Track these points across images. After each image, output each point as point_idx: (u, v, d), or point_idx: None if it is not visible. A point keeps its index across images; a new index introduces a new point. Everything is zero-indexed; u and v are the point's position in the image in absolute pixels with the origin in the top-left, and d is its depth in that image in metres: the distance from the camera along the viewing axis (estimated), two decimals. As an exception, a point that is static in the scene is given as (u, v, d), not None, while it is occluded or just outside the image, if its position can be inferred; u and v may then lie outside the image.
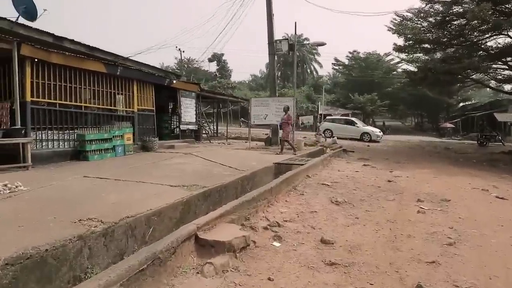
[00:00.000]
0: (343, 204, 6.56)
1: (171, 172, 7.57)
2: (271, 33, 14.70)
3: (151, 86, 12.45)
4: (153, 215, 4.80)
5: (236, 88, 58.92)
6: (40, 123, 8.42)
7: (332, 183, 8.30)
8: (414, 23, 17.93)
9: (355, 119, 27.87)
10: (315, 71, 68.20)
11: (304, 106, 47.76)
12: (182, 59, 58.28)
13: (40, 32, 10.68)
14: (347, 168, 11.07)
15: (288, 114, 12.82)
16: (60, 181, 6.30)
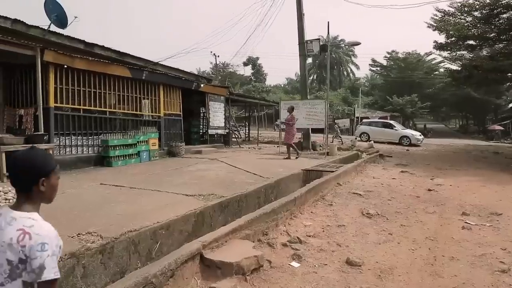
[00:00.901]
0: (376, 217, 5.89)
1: (191, 180, 7.21)
2: (302, 34, 14.12)
3: (178, 90, 12.26)
4: (161, 229, 4.40)
5: (271, 91, 58.63)
6: (64, 128, 8.37)
7: (364, 192, 7.60)
8: (457, 18, 16.66)
9: (393, 122, 26.54)
10: (351, 73, 66.56)
11: (340, 109, 46.49)
12: (217, 64, 58.74)
13: (71, 39, 10.80)
14: (383, 175, 10.26)
15: (292, 115, 11.85)
16: (75, 189, 6.10)
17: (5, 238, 1.36)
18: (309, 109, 12.75)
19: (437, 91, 47.12)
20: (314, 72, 65.97)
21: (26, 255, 1.34)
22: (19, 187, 1.49)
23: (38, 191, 1.49)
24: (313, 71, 65.79)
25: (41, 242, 1.35)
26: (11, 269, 1.35)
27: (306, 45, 14.03)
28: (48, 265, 1.34)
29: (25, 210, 1.46)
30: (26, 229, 1.37)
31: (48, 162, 1.55)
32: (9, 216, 1.43)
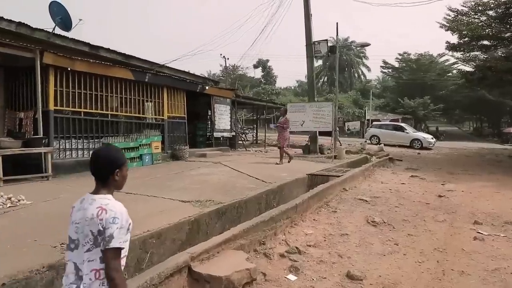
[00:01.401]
0: (381, 226, 5.59)
1: (191, 184, 7.00)
2: (309, 35, 13.84)
3: (182, 93, 12.10)
4: (151, 238, 4.19)
5: (281, 94, 58.27)
6: (64, 132, 8.25)
7: (371, 198, 7.29)
8: (471, 17, 16.17)
9: (404, 125, 25.98)
10: (363, 75, 65.75)
11: (351, 112, 45.88)
12: (227, 66, 58.73)
13: (76, 41, 10.73)
14: (392, 180, 9.91)
15: (285, 117, 11.27)
16: (70, 194, 5.94)
17: (88, 214, 1.72)
18: (316, 111, 12.45)
19: (450, 93, 46.17)
20: (324, 74, 65.44)
21: (103, 226, 1.67)
22: (98, 176, 1.86)
23: (113, 179, 1.85)
24: (323, 73, 65.28)
25: (113, 216, 1.69)
26: (94, 239, 1.70)
27: (313, 47, 13.75)
28: (116, 235, 1.66)
29: (101, 193, 1.82)
30: (103, 206, 1.73)
31: (121, 157, 1.93)
32: (90, 198, 1.81)
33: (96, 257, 1.70)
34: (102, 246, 1.67)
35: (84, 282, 1.69)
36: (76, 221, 1.79)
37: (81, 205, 1.82)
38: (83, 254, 1.71)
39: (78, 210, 1.82)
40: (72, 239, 1.78)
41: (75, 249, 1.76)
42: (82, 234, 1.73)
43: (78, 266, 1.73)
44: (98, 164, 1.86)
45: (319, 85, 64.79)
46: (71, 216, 1.86)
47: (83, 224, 1.73)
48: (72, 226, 1.80)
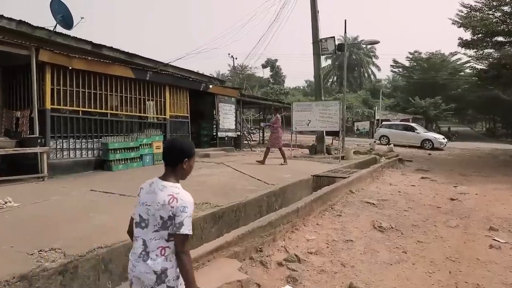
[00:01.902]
0: (389, 231, 5.23)
1: (189, 186, 6.62)
2: (316, 32, 13.47)
3: (185, 92, 11.85)
4: (139, 244, 3.90)
5: (289, 94, 57.82)
6: (62, 131, 8.04)
7: (379, 201, 6.92)
8: (485, 13, 15.61)
9: (415, 125, 25.39)
10: (372, 74, 64.95)
11: (360, 112, 45.28)
12: (235, 66, 58.52)
13: (78, 40, 10.56)
14: (401, 182, 9.50)
15: (277, 116, 10.79)
16: (61, 196, 5.70)
17: (159, 200, 1.88)
18: (322, 110, 12.06)
19: (462, 92, 45.32)
20: (333, 74, 64.83)
21: (173, 213, 1.85)
22: (168, 163, 2.03)
23: (181, 168, 2.02)
24: (332, 73, 64.69)
25: (184, 206, 1.86)
26: (162, 223, 1.87)
27: (320, 44, 13.38)
28: (186, 223, 1.84)
29: (170, 181, 1.98)
30: (174, 194, 1.89)
31: (191, 147, 2.09)
32: (160, 184, 1.96)
33: (162, 236, 1.90)
34: (171, 230, 1.87)
35: (151, 257, 1.89)
36: (147, 203, 1.95)
37: (150, 188, 1.99)
38: (151, 233, 1.91)
39: (148, 193, 1.98)
40: (143, 219, 1.95)
41: (145, 228, 1.94)
42: (153, 216, 1.91)
43: (146, 243, 1.92)
44: (170, 151, 2.06)
45: (328, 85, 64.22)
46: (139, 196, 2.03)
47: (154, 208, 1.90)
48: (143, 206, 1.96)
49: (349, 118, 43.89)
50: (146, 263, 1.89)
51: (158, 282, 1.88)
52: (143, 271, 1.89)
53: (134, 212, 2.03)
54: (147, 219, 1.94)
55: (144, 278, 1.89)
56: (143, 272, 1.89)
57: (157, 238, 1.90)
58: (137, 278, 1.92)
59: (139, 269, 1.91)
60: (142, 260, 1.91)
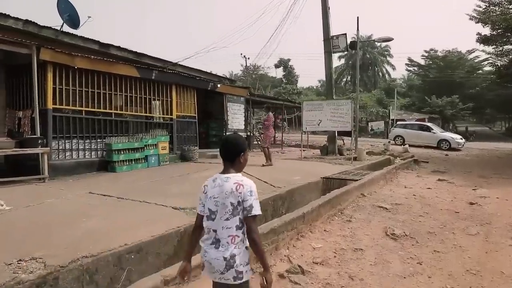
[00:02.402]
0: (402, 239, 4.83)
1: (191, 189, 6.41)
2: (327, 29, 13.06)
3: (193, 91, 11.60)
4: (129, 252, 3.63)
5: (302, 93, 57.27)
6: (64, 131, 7.86)
7: (392, 206, 6.51)
8: (504, 8, 14.93)
9: (431, 125, 24.65)
10: (387, 73, 63.83)
11: (374, 111, 44.45)
12: (248, 66, 58.28)
13: (85, 39, 10.43)
14: (416, 184, 9.04)
15: (268, 114, 10.60)
16: (56, 199, 5.49)
17: (227, 189, 2.07)
18: (334, 109, 11.66)
19: (480, 91, 43.99)
20: (347, 73, 64.02)
21: (242, 198, 2.05)
22: (227, 158, 2.20)
23: (238, 161, 2.20)
24: (346, 72, 63.90)
25: (250, 190, 2.08)
26: (232, 209, 2.06)
27: (331, 41, 12.96)
28: (255, 204, 2.06)
29: (231, 172, 2.16)
30: (239, 182, 2.09)
31: (244, 142, 2.30)
32: (223, 177, 2.14)
33: (232, 225, 2.04)
34: (241, 215, 2.05)
35: (222, 244, 2.04)
36: (214, 196, 2.10)
37: (215, 183, 2.14)
38: (222, 222, 2.05)
39: (214, 187, 2.13)
40: (212, 211, 2.10)
41: (215, 219, 2.09)
42: (222, 205, 2.05)
43: (217, 232, 2.07)
44: (227, 147, 2.21)
45: (342, 85, 63.49)
46: (206, 193, 2.18)
47: (222, 197, 2.06)
48: (211, 200, 2.11)
49: (363, 118, 43.17)
50: (217, 250, 2.05)
51: (228, 268, 2.04)
52: (213, 257, 2.05)
53: (201, 209, 2.19)
54: (216, 210, 2.10)
55: (214, 263, 2.05)
56: (214, 258, 2.04)
57: (229, 226, 2.05)
58: (208, 263, 2.08)
59: (210, 255, 2.06)
60: (214, 247, 2.06)
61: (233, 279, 2.05)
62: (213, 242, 2.08)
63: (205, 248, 2.11)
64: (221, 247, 2.04)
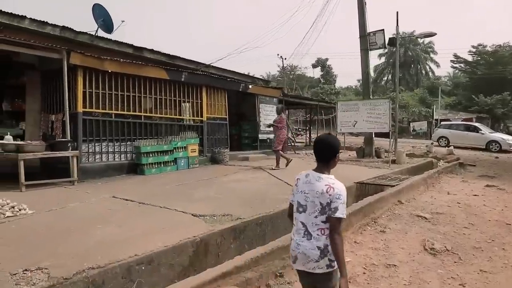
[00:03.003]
0: (443, 255, 4.31)
1: (217, 193, 6.22)
2: (363, 25, 12.45)
3: (224, 92, 11.45)
4: (139, 264, 3.43)
5: (340, 93, 56.02)
6: (94, 134, 7.94)
7: (432, 215, 5.94)
8: None
9: (479, 125, 23.02)
10: (431, 71, 60.84)
11: (417, 111, 42.48)
12: (285, 67, 57.87)
13: (120, 43, 10.63)
14: (461, 190, 8.29)
15: (280, 116, 9.94)
16: (80, 202, 5.46)
17: (318, 189, 2.21)
18: (370, 110, 11.07)
19: (536, 87, 40.75)
20: (388, 72, 61.77)
21: (331, 200, 2.16)
22: (322, 158, 2.32)
23: (332, 162, 2.32)
24: (386, 71, 61.68)
25: (339, 194, 2.18)
26: (321, 208, 2.19)
27: (368, 38, 12.34)
28: (340, 208, 2.15)
29: (324, 173, 2.28)
30: (331, 184, 2.20)
31: (339, 144, 2.40)
32: (316, 175, 2.27)
33: (320, 221, 2.18)
34: (328, 215, 2.15)
35: (313, 236, 2.18)
36: (305, 191, 2.25)
37: (306, 179, 2.28)
38: (311, 218, 2.19)
39: (304, 183, 2.28)
40: (301, 204, 2.27)
41: (302, 212, 2.25)
42: (311, 203, 2.20)
43: (306, 225, 2.22)
44: (323, 148, 2.31)
45: (382, 84, 61.41)
46: (296, 185, 2.35)
47: (313, 195, 2.20)
48: (301, 194, 2.27)
49: (405, 118, 41.41)
50: (310, 241, 2.19)
51: (322, 256, 2.18)
52: (308, 247, 2.19)
53: (293, 199, 2.38)
54: (305, 204, 2.26)
55: (309, 253, 2.18)
56: (308, 249, 2.18)
57: (317, 222, 2.19)
58: (303, 254, 2.21)
59: (304, 246, 2.20)
60: (306, 239, 2.21)
61: (326, 267, 2.19)
62: (305, 234, 2.22)
63: (297, 241, 2.26)
64: (313, 238, 2.19)
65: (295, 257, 2.28)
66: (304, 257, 2.21)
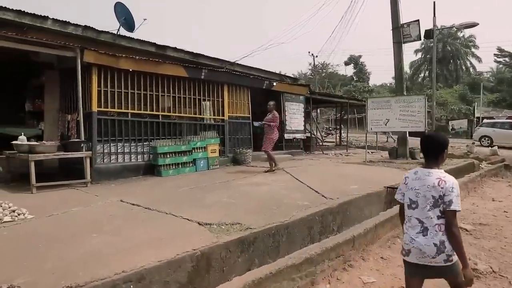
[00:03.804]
0: (488, 277, 3.63)
1: (230, 198, 5.75)
2: (396, 17, 11.56)
3: (246, 90, 10.98)
4: (127, 281, 3.00)
5: (374, 91, 54.24)
6: (109, 135, 7.70)
7: (474, 226, 5.19)
8: None
9: (526, 123, 21.26)
10: (471, 66, 57.54)
11: (456, 109, 40.24)
12: (316, 65, 56.75)
13: (142, 42, 10.47)
14: (508, 196, 7.38)
15: (273, 113, 8.81)
16: (84, 207, 5.16)
17: (429, 183, 2.31)
18: (404, 107, 10.21)
19: None
20: (425, 68, 59.10)
21: (443, 193, 2.25)
22: (431, 154, 2.43)
23: (441, 157, 2.42)
24: (423, 67, 59.05)
25: (451, 186, 2.26)
26: (434, 201, 2.29)
27: (401, 30, 11.46)
28: (454, 200, 2.24)
29: (433, 168, 2.38)
30: (442, 178, 2.30)
31: (447, 140, 2.49)
32: (426, 171, 2.38)
33: (434, 215, 2.29)
34: (441, 208, 2.27)
35: (430, 232, 2.29)
36: (416, 188, 2.39)
37: (416, 176, 2.42)
38: (425, 212, 2.32)
39: (414, 180, 2.42)
40: (413, 201, 2.40)
41: (415, 208, 2.38)
42: (423, 197, 2.33)
43: (422, 221, 2.34)
44: (432, 144, 2.44)
45: (419, 80, 58.96)
46: (406, 184, 2.48)
47: (424, 190, 2.33)
48: (412, 191, 2.41)
49: (443, 116, 39.36)
50: (426, 237, 2.27)
51: (438, 252, 2.24)
52: (423, 243, 2.27)
53: (401, 198, 2.51)
54: (416, 201, 2.37)
55: (425, 250, 2.26)
56: (424, 245, 2.27)
57: (431, 216, 2.28)
58: (418, 249, 2.29)
59: (419, 241, 2.29)
60: (421, 235, 2.30)
61: (443, 262, 2.26)
62: (421, 230, 2.31)
63: (411, 236, 2.36)
64: (429, 235, 2.27)
65: (408, 251, 2.38)
66: (419, 252, 2.30)
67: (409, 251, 2.36)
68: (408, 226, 2.40)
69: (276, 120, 8.83)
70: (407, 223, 2.42)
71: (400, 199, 2.50)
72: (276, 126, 8.83)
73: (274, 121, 8.77)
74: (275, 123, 8.78)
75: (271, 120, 8.79)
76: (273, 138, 8.86)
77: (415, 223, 2.34)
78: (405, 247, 2.40)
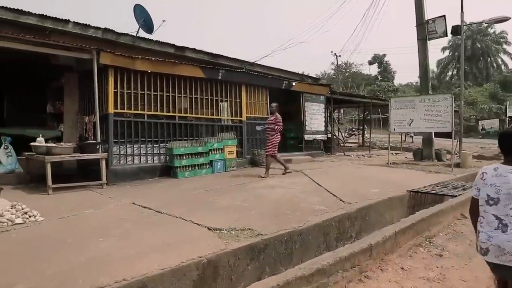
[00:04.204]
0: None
1: (244, 202, 5.58)
2: (421, 12, 11.11)
3: (265, 91, 10.81)
4: (126, 291, 2.89)
5: (399, 91, 52.91)
6: (125, 136, 7.70)
7: None
8: None
9: None
10: (503, 64, 55.16)
11: (486, 108, 38.67)
12: (339, 64, 55.92)
13: (161, 43, 10.48)
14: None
15: (275, 115, 8.34)
16: (96, 209, 5.12)
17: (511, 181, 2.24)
18: (429, 107, 9.75)
19: None
20: (453, 66, 57.17)
21: None
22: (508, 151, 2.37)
23: None
24: (451, 66, 57.12)
25: None
26: None
27: (426, 26, 10.99)
28: None
29: None
30: None
31: None
32: (508, 168, 2.29)
33: None
34: None
35: (510, 229, 2.22)
36: (496, 184, 2.30)
37: (496, 172, 2.32)
38: (507, 210, 2.24)
39: (494, 176, 2.32)
40: (492, 197, 2.31)
41: (493, 205, 2.30)
42: (506, 195, 2.25)
43: (499, 217, 2.27)
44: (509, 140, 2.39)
45: (446, 79, 57.12)
46: (484, 180, 2.37)
47: (507, 187, 2.25)
48: (491, 187, 2.31)
49: (472, 116, 37.91)
50: (507, 234, 2.21)
51: None
52: (504, 240, 2.21)
53: (477, 193, 2.41)
54: (496, 197, 2.29)
55: (505, 246, 2.20)
56: (504, 241, 2.20)
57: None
58: (496, 246, 2.23)
59: (498, 238, 2.23)
60: (500, 231, 2.24)
61: None
62: (499, 227, 2.25)
63: (488, 232, 2.29)
64: (509, 231, 2.21)
65: (486, 250, 2.31)
66: (498, 249, 2.23)
67: (487, 249, 2.29)
68: (484, 222, 2.33)
69: (280, 123, 8.41)
70: (483, 219, 2.34)
71: (475, 195, 2.42)
72: (279, 129, 8.42)
73: (277, 124, 8.36)
74: (278, 126, 8.37)
75: (274, 123, 8.37)
76: (276, 141, 8.41)
77: (492, 219, 2.28)
78: (483, 246, 2.33)
